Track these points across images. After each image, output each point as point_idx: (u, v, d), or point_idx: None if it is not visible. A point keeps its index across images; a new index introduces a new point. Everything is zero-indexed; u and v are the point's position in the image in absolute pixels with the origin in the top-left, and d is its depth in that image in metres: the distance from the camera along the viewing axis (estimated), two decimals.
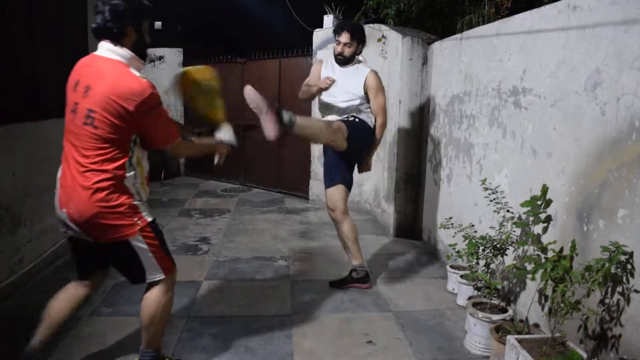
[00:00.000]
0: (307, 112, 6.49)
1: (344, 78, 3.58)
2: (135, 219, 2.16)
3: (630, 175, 2.07)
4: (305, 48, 6.48)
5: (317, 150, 6.39)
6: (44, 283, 3.61)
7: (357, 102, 3.56)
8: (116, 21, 2.05)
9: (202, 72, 2.58)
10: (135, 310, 3.20)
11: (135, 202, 2.17)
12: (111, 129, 2.03)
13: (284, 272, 4.02)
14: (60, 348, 2.74)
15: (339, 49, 3.58)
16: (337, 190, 3.55)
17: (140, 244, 2.20)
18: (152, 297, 2.32)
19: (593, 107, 2.30)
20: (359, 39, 3.58)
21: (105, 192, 2.07)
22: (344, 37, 3.54)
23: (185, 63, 8.33)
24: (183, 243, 4.69)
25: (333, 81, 3.49)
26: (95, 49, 2.16)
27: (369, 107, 3.61)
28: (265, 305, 3.38)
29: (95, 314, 3.16)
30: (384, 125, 3.65)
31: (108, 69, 2.05)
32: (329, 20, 6.19)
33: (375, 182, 5.80)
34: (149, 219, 2.23)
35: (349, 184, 3.61)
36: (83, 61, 2.15)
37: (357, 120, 3.55)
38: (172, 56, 8.36)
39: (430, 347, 2.86)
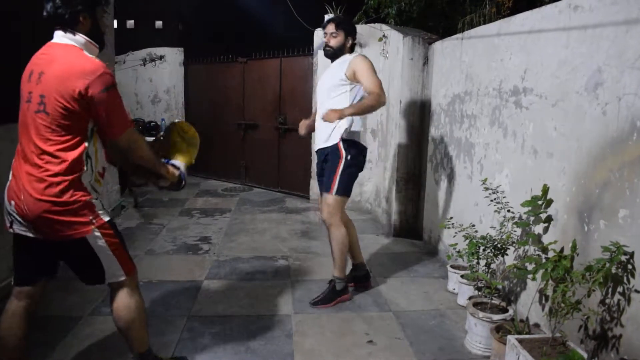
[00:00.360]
0: (307, 111, 6.49)
1: (330, 72, 3.47)
2: (90, 217, 2.05)
3: (631, 175, 2.07)
4: (306, 47, 6.49)
5: None
6: None
7: (339, 94, 3.32)
8: (67, 8, 1.99)
9: (190, 128, 2.61)
10: None
11: (91, 200, 2.07)
12: (64, 113, 1.93)
13: (285, 271, 4.02)
14: (60, 348, 2.75)
15: (325, 40, 3.47)
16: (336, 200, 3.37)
17: (99, 242, 2.09)
18: (121, 304, 2.24)
19: (594, 107, 2.30)
20: (345, 29, 3.40)
21: (58, 187, 1.97)
22: (329, 28, 3.42)
23: (186, 62, 8.34)
24: (184, 242, 4.69)
25: (307, 128, 3.63)
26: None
27: (354, 101, 3.29)
28: (266, 304, 3.38)
29: (95, 314, 3.16)
30: (379, 98, 3.17)
31: (60, 52, 1.99)
32: None
33: (376, 181, 5.80)
34: (106, 219, 2.12)
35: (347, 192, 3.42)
36: (37, 53, 2.08)
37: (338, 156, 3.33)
38: (172, 55, 8.37)
39: (430, 346, 2.86)
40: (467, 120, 3.75)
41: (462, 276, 3.35)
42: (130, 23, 28.91)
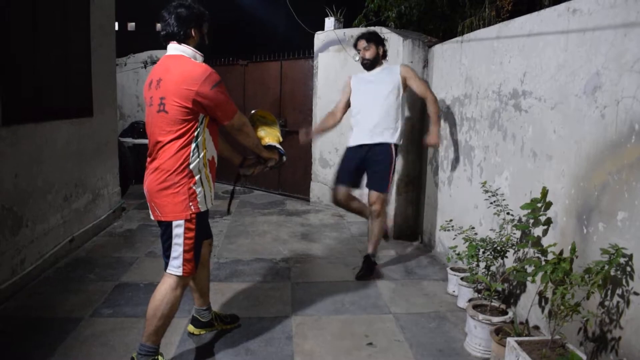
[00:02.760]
0: (308, 115, 6.50)
1: (378, 78, 3.88)
2: (190, 204, 2.36)
3: (629, 178, 2.08)
4: (306, 50, 6.50)
5: (317, 152, 6.40)
6: (45, 284, 3.63)
7: (396, 99, 3.82)
8: (181, 27, 2.38)
9: (266, 113, 2.99)
10: (136, 312, 3.22)
11: (194, 187, 2.37)
12: (180, 110, 2.27)
13: (285, 273, 4.02)
14: (60, 350, 2.75)
15: (360, 55, 3.91)
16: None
17: (179, 230, 2.38)
18: (162, 290, 2.42)
19: (593, 110, 2.31)
20: (375, 40, 3.86)
21: (168, 173, 2.32)
22: (361, 44, 3.88)
23: None
24: None
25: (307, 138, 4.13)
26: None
27: (403, 105, 3.92)
28: (266, 306, 3.39)
29: (95, 315, 3.17)
30: (435, 99, 3.84)
31: (174, 62, 2.35)
32: (330, 22, 6.21)
33: None
34: (202, 208, 2.43)
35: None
36: (155, 66, 2.45)
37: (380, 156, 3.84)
38: None
39: (430, 349, 2.86)
40: (467, 123, 3.77)
41: (461, 278, 3.36)
42: (131, 25, 28.92)
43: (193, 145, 2.35)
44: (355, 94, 3.98)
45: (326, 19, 6.29)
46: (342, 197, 3.97)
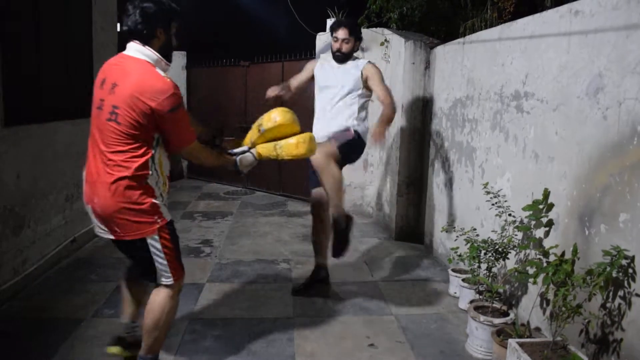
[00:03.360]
0: (308, 115, 6.50)
1: (341, 74, 3.53)
2: (156, 217, 2.19)
3: (631, 179, 2.08)
4: (308, 52, 6.50)
5: None
6: (47, 285, 3.63)
7: (351, 98, 3.46)
8: (146, 24, 2.12)
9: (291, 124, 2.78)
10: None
11: (156, 201, 2.20)
12: (133, 125, 2.06)
13: (286, 274, 4.02)
14: (62, 350, 2.75)
15: (337, 45, 3.53)
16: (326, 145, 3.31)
17: (156, 244, 2.22)
18: (158, 301, 2.31)
19: (595, 111, 2.31)
20: (356, 36, 3.54)
21: (128, 189, 2.10)
22: (342, 33, 3.50)
23: (188, 66, 8.36)
24: (186, 245, 4.70)
25: (274, 95, 3.70)
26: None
27: (365, 103, 3.53)
28: (267, 307, 3.39)
29: (97, 316, 3.17)
30: (392, 103, 3.41)
31: (135, 67, 2.11)
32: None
33: (377, 185, 5.80)
34: (168, 218, 2.26)
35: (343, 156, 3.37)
36: (111, 60, 2.21)
37: (345, 141, 3.36)
38: (175, 59, 8.36)
39: (432, 350, 2.86)
40: (469, 125, 3.76)
41: (463, 280, 3.36)
42: None
43: (150, 161, 2.15)
44: (318, 85, 3.70)
45: (328, 20, 6.29)
46: (313, 202, 3.62)
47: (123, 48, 2.25)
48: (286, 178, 7.13)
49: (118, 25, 5.64)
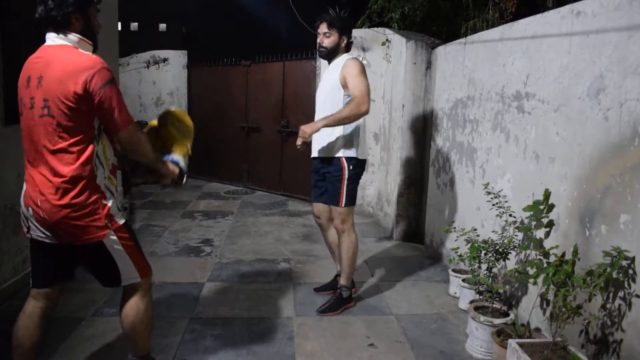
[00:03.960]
0: (310, 115, 6.50)
1: (327, 74, 3.36)
2: (106, 221, 2.04)
3: (632, 180, 2.08)
4: (309, 51, 6.50)
5: None
6: None
7: (337, 100, 3.20)
8: (59, 10, 1.95)
9: (185, 116, 2.49)
10: None
11: (106, 202, 2.06)
12: (68, 114, 1.92)
13: (287, 274, 4.03)
14: (63, 349, 2.76)
15: (318, 40, 3.32)
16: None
17: (115, 245, 2.09)
18: (131, 305, 2.23)
19: (596, 112, 2.31)
20: (339, 28, 3.24)
21: (73, 191, 1.96)
22: (322, 27, 3.27)
23: (189, 65, 8.37)
24: (186, 245, 4.71)
25: (303, 141, 3.17)
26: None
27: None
28: (267, 307, 3.39)
29: (97, 315, 3.18)
30: (358, 106, 3.06)
31: (56, 53, 1.97)
32: None
33: (378, 185, 5.81)
34: (121, 221, 2.12)
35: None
36: (31, 57, 2.06)
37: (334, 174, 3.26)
38: (176, 58, 8.40)
39: (432, 350, 2.86)
40: (470, 125, 3.76)
41: (463, 280, 3.36)
42: (134, 25, 28.98)
43: (94, 155, 2.01)
44: (318, 89, 3.52)
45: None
46: (317, 214, 3.53)
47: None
48: (287, 178, 7.13)
49: (119, 24, 5.65)
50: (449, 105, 4.20)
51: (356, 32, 5.80)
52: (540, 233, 2.74)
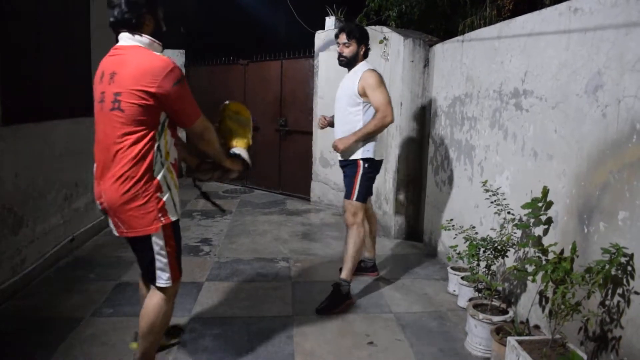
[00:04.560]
0: (308, 114, 6.50)
1: (345, 83, 3.54)
2: (159, 214, 2.14)
3: (630, 177, 2.07)
4: (307, 50, 6.50)
5: (318, 152, 6.39)
6: (45, 284, 3.63)
7: (352, 108, 3.43)
8: (133, 12, 2.11)
9: (241, 107, 2.62)
10: (136, 311, 3.20)
11: (161, 196, 2.15)
12: (138, 109, 2.04)
13: (286, 273, 4.02)
14: (62, 349, 2.75)
15: (338, 50, 3.53)
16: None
17: (159, 242, 2.19)
18: (154, 304, 2.30)
19: (594, 109, 2.31)
20: (357, 38, 3.45)
21: (131, 181, 2.07)
22: (341, 38, 3.48)
23: (187, 64, 8.35)
24: (185, 244, 4.70)
25: (325, 123, 3.67)
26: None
27: (362, 117, 3.43)
28: (266, 306, 3.39)
29: (96, 315, 3.17)
30: (382, 120, 3.32)
31: (130, 53, 2.10)
32: (330, 21, 6.20)
33: (376, 183, 5.78)
34: (173, 218, 2.21)
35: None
36: (106, 56, 2.20)
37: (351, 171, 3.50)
38: (174, 57, 8.37)
39: (431, 348, 2.86)
40: (468, 123, 3.76)
41: (462, 278, 3.36)
42: None
43: (155, 149, 2.11)
44: (337, 93, 3.68)
45: (327, 18, 6.28)
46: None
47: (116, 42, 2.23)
48: (285, 176, 7.13)
49: None
50: (447, 103, 4.20)
51: None
52: (538, 230, 2.74)
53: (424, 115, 4.79)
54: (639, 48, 2.05)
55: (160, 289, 2.30)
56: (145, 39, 2.14)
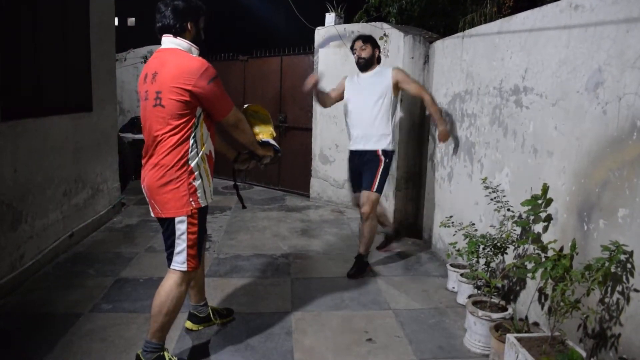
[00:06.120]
0: (308, 110, 6.49)
1: (369, 82, 3.88)
2: (190, 199, 2.37)
3: (630, 174, 2.07)
4: (306, 46, 6.48)
5: (317, 148, 6.39)
6: (44, 280, 3.63)
7: (386, 103, 3.81)
8: (177, 20, 2.35)
9: (259, 107, 2.86)
10: (135, 307, 3.22)
11: (193, 182, 2.38)
12: (177, 105, 2.27)
13: (285, 269, 4.02)
14: (61, 344, 2.75)
15: (356, 54, 3.91)
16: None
17: (182, 226, 2.39)
18: (166, 287, 2.43)
19: (594, 106, 2.30)
20: (372, 43, 3.91)
21: (168, 165, 2.32)
22: (358, 44, 3.90)
23: None
24: None
25: (316, 79, 3.81)
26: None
27: (393, 108, 3.88)
28: (265, 302, 3.39)
29: (95, 310, 3.17)
30: (432, 99, 3.94)
31: (170, 55, 2.34)
32: (330, 18, 6.19)
33: None
34: (203, 204, 2.44)
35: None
36: (150, 59, 2.43)
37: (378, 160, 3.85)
38: None
39: (430, 345, 2.86)
40: (468, 119, 3.76)
41: (461, 275, 3.36)
42: (131, 21, 28.84)
43: (191, 139, 2.35)
44: (347, 97, 4.01)
45: (327, 15, 6.26)
46: (356, 204, 4.10)
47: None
48: (285, 173, 7.12)
49: (116, 19, 5.62)
50: (447, 100, 4.19)
51: (353, 27, 5.79)
52: (538, 227, 2.74)
53: (423, 112, 4.78)
54: (639, 45, 2.04)
55: (174, 272, 2.44)
56: (184, 43, 2.38)
